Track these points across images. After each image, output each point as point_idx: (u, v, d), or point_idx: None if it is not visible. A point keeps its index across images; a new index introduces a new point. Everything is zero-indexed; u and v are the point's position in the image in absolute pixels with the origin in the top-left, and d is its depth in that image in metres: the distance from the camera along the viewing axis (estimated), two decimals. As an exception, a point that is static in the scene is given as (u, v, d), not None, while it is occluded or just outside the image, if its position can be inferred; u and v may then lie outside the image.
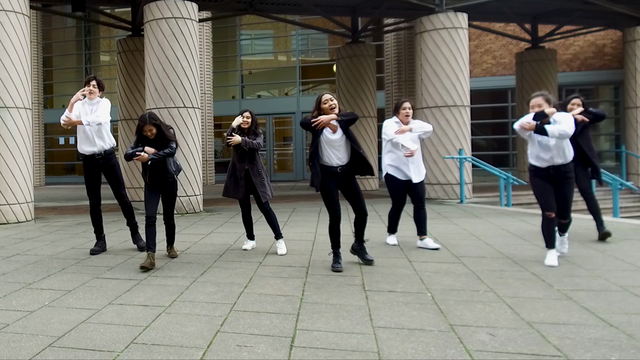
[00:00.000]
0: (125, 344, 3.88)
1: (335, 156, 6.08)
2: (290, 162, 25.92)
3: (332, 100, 6.14)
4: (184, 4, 12.02)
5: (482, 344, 3.77)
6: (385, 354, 3.59)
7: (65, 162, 28.06)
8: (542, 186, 6.23)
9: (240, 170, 7.20)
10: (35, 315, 4.62)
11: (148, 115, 6.50)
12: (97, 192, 7.54)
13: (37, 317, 4.55)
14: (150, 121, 6.46)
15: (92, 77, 7.30)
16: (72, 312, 4.69)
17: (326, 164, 6.11)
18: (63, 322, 4.39)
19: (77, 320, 4.45)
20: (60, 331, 4.18)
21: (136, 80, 15.73)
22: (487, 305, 4.67)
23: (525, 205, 13.49)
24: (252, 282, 5.59)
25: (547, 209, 6.17)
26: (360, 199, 6.20)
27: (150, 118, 6.49)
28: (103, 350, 3.77)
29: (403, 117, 7.34)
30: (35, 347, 3.86)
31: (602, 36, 22.52)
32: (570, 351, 3.61)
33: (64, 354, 3.71)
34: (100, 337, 4.04)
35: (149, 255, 6.40)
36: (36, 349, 3.81)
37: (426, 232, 7.48)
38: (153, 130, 6.47)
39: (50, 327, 4.28)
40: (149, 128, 6.46)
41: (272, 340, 3.87)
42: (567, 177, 6.20)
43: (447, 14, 13.78)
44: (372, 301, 4.83)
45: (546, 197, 6.20)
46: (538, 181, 6.26)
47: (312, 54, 26.98)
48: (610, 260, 6.39)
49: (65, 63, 28.34)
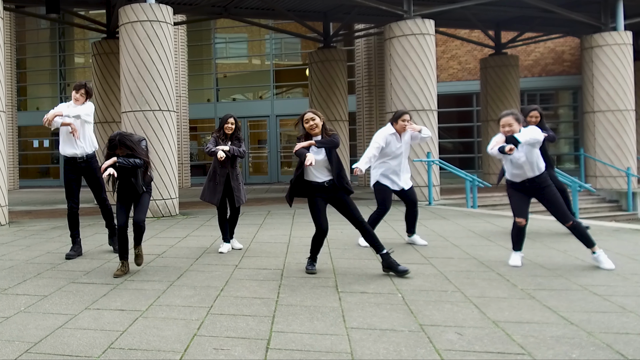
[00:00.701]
0: (102, 349, 3.91)
1: (322, 174, 6.12)
2: (265, 165, 26.00)
3: (313, 120, 6.09)
4: (159, 7, 12.02)
5: (451, 343, 3.89)
6: (358, 355, 3.69)
7: (40, 165, 27.80)
8: (516, 195, 6.41)
9: (222, 175, 7.30)
10: (10, 321, 4.63)
11: (118, 140, 6.17)
12: (76, 196, 7.55)
13: (13, 323, 4.55)
14: (121, 145, 6.18)
15: (83, 85, 7.40)
16: (49, 317, 4.70)
17: (312, 181, 6.14)
18: (39, 328, 4.41)
19: (53, 325, 4.46)
20: (37, 337, 4.19)
21: (111, 83, 15.70)
22: (455, 305, 4.81)
23: (490, 207, 13.81)
24: (228, 285, 5.66)
25: (517, 215, 6.35)
26: (352, 209, 6.13)
27: (120, 142, 6.18)
28: (80, 355, 3.80)
29: (400, 128, 7.44)
30: (11, 353, 3.87)
31: (561, 43, 23.18)
32: (533, 349, 3.74)
33: None
34: (77, 342, 4.07)
35: (123, 265, 6.40)
36: (12, 355, 3.82)
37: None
38: (126, 151, 6.30)
39: (26, 333, 4.29)
40: (121, 151, 6.23)
41: (249, 343, 3.94)
42: (543, 187, 6.33)
43: (414, 20, 14.07)
44: (345, 302, 4.94)
45: (519, 204, 6.37)
46: (512, 192, 6.46)
47: (286, 57, 27.13)
48: (571, 260, 6.61)
49: (39, 65, 28.11)
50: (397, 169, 7.48)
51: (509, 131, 6.14)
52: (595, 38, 16.71)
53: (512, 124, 6.15)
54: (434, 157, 13.88)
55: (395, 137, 7.43)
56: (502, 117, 6.29)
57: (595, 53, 16.69)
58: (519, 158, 6.23)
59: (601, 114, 16.58)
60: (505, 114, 6.28)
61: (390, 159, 7.45)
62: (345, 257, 6.99)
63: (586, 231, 6.29)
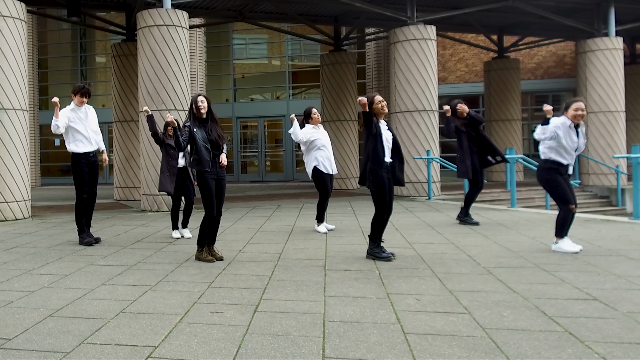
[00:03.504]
0: (115, 313, 4.55)
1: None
2: (280, 164, 26.64)
3: (383, 101, 6.47)
4: (174, 12, 12.70)
5: (408, 306, 4.56)
6: (330, 315, 4.34)
7: (61, 164, 28.53)
8: (563, 182, 6.73)
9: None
10: (35, 294, 5.28)
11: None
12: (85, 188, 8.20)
13: (38, 296, 5.21)
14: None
15: (86, 90, 8.05)
16: (69, 291, 5.35)
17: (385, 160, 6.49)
18: (61, 299, 5.05)
19: (73, 297, 5.11)
20: (59, 305, 4.84)
21: (130, 84, 16.37)
22: (421, 279, 5.48)
23: (488, 202, 14.33)
24: (230, 266, 6.30)
25: (570, 201, 6.71)
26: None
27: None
28: (96, 318, 4.44)
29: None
30: (37, 317, 4.52)
31: (562, 47, 23.71)
32: (474, 310, 4.42)
33: (62, 321, 4.37)
34: (94, 309, 4.71)
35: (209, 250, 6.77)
36: (38, 318, 4.47)
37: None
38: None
39: (49, 303, 4.94)
40: (201, 99, 6.58)
41: (240, 308, 4.59)
42: (569, 174, 6.86)
43: (417, 26, 14.82)
44: (329, 277, 5.61)
45: (568, 190, 6.74)
46: (559, 179, 6.72)
47: (304, 59, 27.68)
48: (536, 245, 7.30)
49: (61, 65, 28.81)
50: (330, 155, 8.79)
51: (582, 116, 6.56)
52: (589, 43, 17.36)
53: (584, 109, 6.59)
54: (434, 154, 14.58)
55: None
56: (574, 102, 6.66)
57: (589, 57, 17.33)
58: (575, 142, 6.65)
59: (593, 114, 17.21)
60: (577, 99, 6.69)
61: (320, 149, 8.74)
62: (339, 243, 7.64)
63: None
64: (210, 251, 6.67)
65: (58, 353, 3.64)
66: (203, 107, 6.55)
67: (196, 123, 6.55)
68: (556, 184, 6.69)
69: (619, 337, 3.73)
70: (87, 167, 8.07)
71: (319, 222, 8.73)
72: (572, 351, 3.49)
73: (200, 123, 6.56)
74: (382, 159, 6.30)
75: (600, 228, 8.60)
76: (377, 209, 6.45)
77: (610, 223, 9.19)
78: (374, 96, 6.44)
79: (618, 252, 6.65)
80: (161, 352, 3.62)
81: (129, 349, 3.69)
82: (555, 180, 6.68)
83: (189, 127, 6.50)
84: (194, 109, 6.54)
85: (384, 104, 6.42)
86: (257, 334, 3.92)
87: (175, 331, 4.02)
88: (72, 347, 3.74)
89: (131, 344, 3.78)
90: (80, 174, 8.08)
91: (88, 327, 4.17)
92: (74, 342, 3.83)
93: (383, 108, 6.39)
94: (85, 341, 3.86)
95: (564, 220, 6.69)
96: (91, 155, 8.10)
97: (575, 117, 6.55)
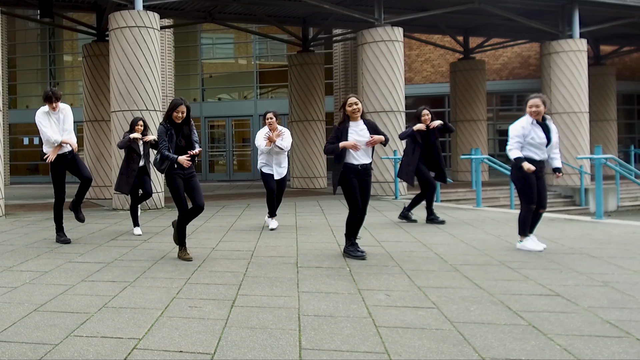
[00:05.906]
0: (98, 307, 4.79)
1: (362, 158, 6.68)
2: (248, 163, 26.86)
3: (357, 104, 6.53)
4: (146, 14, 12.88)
5: (379, 301, 4.85)
6: (304, 309, 4.62)
7: (29, 162, 28.41)
8: (532, 179, 6.93)
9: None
10: (19, 290, 5.48)
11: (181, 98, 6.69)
12: (64, 187, 8.39)
13: (21, 292, 5.40)
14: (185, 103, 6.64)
15: (58, 96, 8.08)
16: (51, 287, 5.56)
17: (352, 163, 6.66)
18: (44, 294, 5.26)
19: (55, 292, 5.33)
20: (42, 300, 5.05)
21: (101, 84, 16.47)
22: (391, 276, 5.77)
23: (454, 201, 14.82)
24: (205, 263, 6.56)
25: (533, 201, 6.97)
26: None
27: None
28: (80, 312, 4.67)
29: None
30: (22, 311, 4.73)
31: (527, 48, 24.37)
32: (442, 305, 4.71)
33: (48, 315, 4.60)
34: (77, 303, 4.94)
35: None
36: (24, 313, 4.68)
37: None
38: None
39: (33, 298, 5.14)
40: (182, 110, 6.60)
41: (218, 303, 4.86)
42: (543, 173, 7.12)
43: (384, 28, 15.20)
44: (302, 274, 5.90)
45: (534, 189, 6.97)
46: (529, 176, 6.90)
47: (271, 59, 27.93)
48: (501, 243, 7.65)
49: (30, 64, 28.71)
50: (276, 159, 9.08)
51: (537, 112, 6.79)
52: (553, 45, 17.88)
53: (540, 105, 6.81)
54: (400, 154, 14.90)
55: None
56: (530, 99, 6.90)
57: (553, 59, 17.85)
58: (542, 138, 6.90)
59: (558, 115, 17.68)
60: (533, 96, 6.92)
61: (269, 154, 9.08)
62: (309, 242, 7.94)
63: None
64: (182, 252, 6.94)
65: (47, 345, 3.86)
66: (180, 117, 6.58)
67: (171, 126, 6.65)
68: (526, 183, 6.91)
69: (579, 330, 4.00)
70: (63, 167, 8.25)
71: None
72: (536, 343, 3.76)
73: (173, 127, 6.65)
74: (349, 161, 6.56)
75: (564, 227, 8.99)
76: (349, 209, 6.74)
77: (573, 222, 9.62)
78: (348, 98, 6.61)
79: (580, 250, 7.00)
80: (146, 344, 3.87)
81: (114, 341, 3.94)
82: (526, 178, 6.89)
83: (170, 132, 6.60)
84: (173, 115, 6.57)
85: (356, 108, 6.52)
86: (235, 327, 4.19)
87: (157, 324, 4.28)
88: (59, 340, 3.96)
89: (116, 337, 4.02)
90: (57, 174, 8.22)
91: (73, 321, 4.39)
92: (61, 335, 4.06)
93: (354, 112, 6.54)
94: (72, 334, 4.08)
95: (524, 218, 6.98)
96: (67, 154, 8.24)
97: (531, 114, 6.85)
